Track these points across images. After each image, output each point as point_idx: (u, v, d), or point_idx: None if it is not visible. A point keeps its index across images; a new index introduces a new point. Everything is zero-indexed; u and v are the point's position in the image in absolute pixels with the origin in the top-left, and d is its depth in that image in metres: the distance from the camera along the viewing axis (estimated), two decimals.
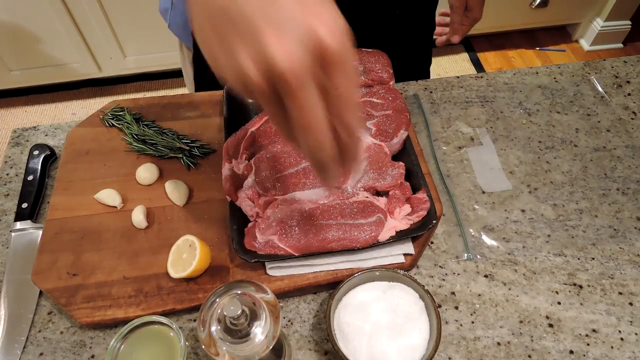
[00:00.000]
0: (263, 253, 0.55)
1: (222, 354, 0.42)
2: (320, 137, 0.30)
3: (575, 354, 0.54)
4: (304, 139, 0.31)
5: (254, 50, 0.28)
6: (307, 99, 0.29)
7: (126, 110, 0.72)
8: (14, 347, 0.55)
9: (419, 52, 0.93)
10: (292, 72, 0.27)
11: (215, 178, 0.66)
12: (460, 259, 0.61)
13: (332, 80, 0.29)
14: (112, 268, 0.58)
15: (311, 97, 0.29)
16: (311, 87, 0.28)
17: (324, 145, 0.31)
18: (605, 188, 0.68)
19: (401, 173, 0.61)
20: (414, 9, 0.81)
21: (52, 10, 1.73)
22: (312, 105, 0.29)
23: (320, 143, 0.30)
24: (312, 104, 0.29)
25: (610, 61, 0.85)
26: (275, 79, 0.28)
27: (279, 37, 0.27)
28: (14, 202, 0.67)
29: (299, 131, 0.30)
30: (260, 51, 0.28)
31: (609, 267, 0.60)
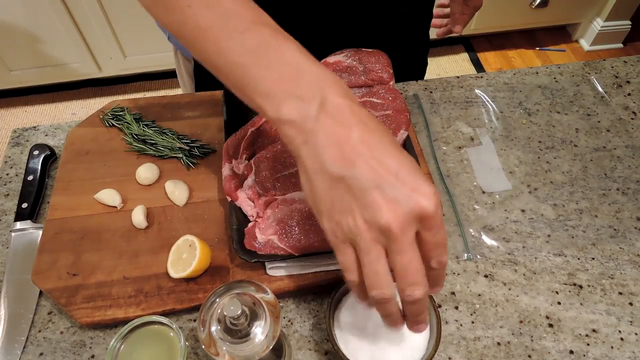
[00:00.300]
0: (263, 253, 0.55)
1: (222, 354, 0.42)
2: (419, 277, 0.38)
3: (575, 354, 0.54)
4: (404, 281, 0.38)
5: (369, 214, 0.36)
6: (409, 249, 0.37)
7: (126, 110, 0.72)
8: (14, 347, 0.55)
9: (415, 53, 0.92)
10: (400, 231, 0.36)
11: (215, 178, 0.66)
12: (460, 259, 0.61)
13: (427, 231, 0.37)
14: (112, 268, 0.58)
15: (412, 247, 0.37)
16: (413, 240, 0.37)
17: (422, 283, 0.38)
18: (605, 188, 0.68)
19: None
20: (412, 7, 0.81)
21: (52, 10, 1.73)
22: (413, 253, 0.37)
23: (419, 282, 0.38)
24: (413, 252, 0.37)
25: (610, 61, 0.85)
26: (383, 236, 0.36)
27: (389, 203, 0.36)
28: (14, 202, 0.67)
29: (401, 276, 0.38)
30: (375, 216, 0.36)
31: (609, 267, 0.60)
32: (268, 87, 0.40)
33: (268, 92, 0.40)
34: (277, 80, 0.39)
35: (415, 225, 0.37)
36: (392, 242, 0.36)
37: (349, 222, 0.37)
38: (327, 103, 0.38)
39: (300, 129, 0.38)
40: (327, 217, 0.39)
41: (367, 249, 0.37)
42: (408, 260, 0.37)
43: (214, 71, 0.43)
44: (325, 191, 0.38)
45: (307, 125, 0.38)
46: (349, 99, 0.39)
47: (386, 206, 0.35)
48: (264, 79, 0.40)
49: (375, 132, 0.38)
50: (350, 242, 0.38)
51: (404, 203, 0.36)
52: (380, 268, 0.38)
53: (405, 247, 0.37)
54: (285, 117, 0.39)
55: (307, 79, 0.39)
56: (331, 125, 0.38)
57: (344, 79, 0.68)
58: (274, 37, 0.41)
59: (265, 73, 0.40)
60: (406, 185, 0.36)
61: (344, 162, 0.37)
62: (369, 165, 0.36)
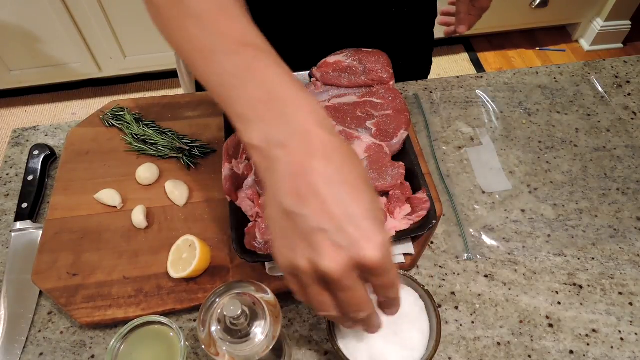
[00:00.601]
0: (263, 253, 0.55)
1: (222, 354, 0.42)
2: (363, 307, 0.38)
3: (575, 354, 0.54)
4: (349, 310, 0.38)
5: (311, 255, 0.35)
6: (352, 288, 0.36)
7: (126, 110, 0.72)
8: (14, 347, 0.55)
9: (419, 51, 0.92)
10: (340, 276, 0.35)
11: (215, 178, 0.66)
12: (460, 259, 0.61)
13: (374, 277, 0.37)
14: (112, 268, 0.58)
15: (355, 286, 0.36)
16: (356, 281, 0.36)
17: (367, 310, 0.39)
18: (605, 188, 0.68)
19: (401, 173, 0.61)
20: (413, 7, 0.81)
21: (52, 10, 1.73)
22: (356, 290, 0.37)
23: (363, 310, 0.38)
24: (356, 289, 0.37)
25: (610, 61, 0.85)
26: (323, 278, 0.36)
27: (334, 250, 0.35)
28: (14, 202, 0.67)
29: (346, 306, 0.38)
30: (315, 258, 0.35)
31: (609, 267, 0.60)
32: (242, 110, 0.39)
33: (241, 115, 0.39)
34: (251, 103, 0.39)
35: (358, 271, 0.36)
36: (332, 284, 0.36)
37: (292, 258, 0.36)
38: (296, 131, 0.37)
39: (265, 155, 0.37)
40: (277, 247, 0.38)
41: (308, 285, 0.37)
42: (350, 297, 0.37)
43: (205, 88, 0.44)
44: (276, 221, 0.37)
45: (272, 152, 0.37)
46: (322, 128, 0.37)
47: (328, 251, 0.34)
48: (239, 101, 0.40)
49: (340, 169, 0.36)
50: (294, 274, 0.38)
51: (346, 250, 0.35)
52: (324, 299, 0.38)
53: (346, 288, 0.36)
54: (254, 141, 0.38)
55: (279, 104, 0.38)
56: (294, 155, 0.36)
57: (344, 79, 0.68)
58: (257, 59, 0.40)
59: (241, 96, 0.39)
60: (356, 231, 0.35)
61: (297, 198, 0.35)
62: (320, 206, 0.35)
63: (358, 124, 0.65)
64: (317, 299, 0.38)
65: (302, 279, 0.37)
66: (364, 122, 0.65)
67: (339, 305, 0.38)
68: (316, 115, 0.38)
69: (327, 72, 0.69)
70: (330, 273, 0.35)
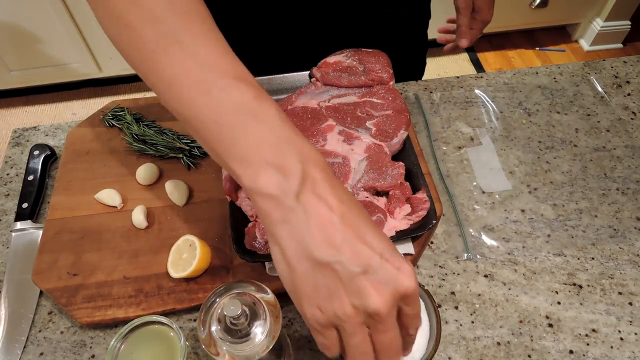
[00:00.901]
0: (263, 253, 0.55)
1: (222, 353, 0.42)
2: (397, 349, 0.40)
3: (575, 353, 0.54)
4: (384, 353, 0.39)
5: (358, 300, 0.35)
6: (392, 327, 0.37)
7: (126, 110, 0.72)
8: (15, 347, 0.55)
9: (413, 52, 0.92)
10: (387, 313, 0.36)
11: (215, 178, 0.67)
12: (460, 259, 0.61)
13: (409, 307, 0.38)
14: (112, 268, 0.58)
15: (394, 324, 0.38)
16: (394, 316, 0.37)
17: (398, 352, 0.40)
18: (605, 188, 0.68)
19: (401, 173, 0.61)
20: (409, 7, 0.81)
21: (53, 10, 1.73)
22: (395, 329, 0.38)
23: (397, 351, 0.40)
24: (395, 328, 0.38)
25: (610, 61, 0.85)
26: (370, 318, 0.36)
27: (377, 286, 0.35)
28: (15, 202, 0.67)
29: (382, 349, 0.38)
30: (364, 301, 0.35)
31: (609, 267, 0.61)
32: (245, 153, 0.36)
33: (245, 158, 0.36)
34: (256, 146, 0.36)
35: (398, 304, 0.37)
36: (379, 323, 0.36)
37: (335, 309, 0.36)
38: (308, 178, 0.36)
39: (279, 204, 0.35)
40: (309, 303, 0.37)
41: (354, 333, 0.37)
42: (391, 337, 0.38)
43: (185, 123, 0.40)
44: (307, 276, 0.36)
45: (287, 200, 0.35)
46: (327, 173, 0.37)
47: (374, 291, 0.35)
48: (241, 142, 0.36)
49: (353, 210, 0.37)
50: (334, 326, 0.37)
51: (390, 285, 0.35)
52: (367, 348, 0.38)
53: (390, 327, 0.37)
54: (262, 189, 0.36)
55: (288, 149, 0.36)
56: (314, 205, 0.35)
57: (344, 79, 0.69)
58: (256, 98, 0.38)
59: (244, 136, 0.37)
60: (391, 264, 0.36)
61: (330, 247, 0.35)
62: (354, 250, 0.35)
63: (358, 124, 0.65)
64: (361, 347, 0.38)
65: (347, 329, 0.36)
66: (364, 122, 0.65)
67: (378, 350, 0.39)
68: (320, 160, 0.38)
69: (327, 72, 0.69)
70: (380, 311, 0.35)
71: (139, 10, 0.39)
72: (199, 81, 0.38)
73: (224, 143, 0.37)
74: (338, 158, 0.62)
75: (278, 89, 0.72)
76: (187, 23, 0.39)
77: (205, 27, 0.40)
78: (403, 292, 0.36)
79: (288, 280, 0.37)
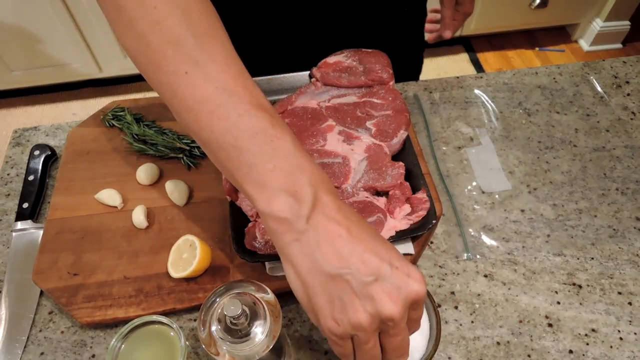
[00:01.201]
0: (263, 253, 0.55)
1: (223, 353, 0.42)
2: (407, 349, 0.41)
3: (575, 353, 0.54)
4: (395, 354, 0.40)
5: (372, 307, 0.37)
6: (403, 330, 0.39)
7: (126, 111, 0.73)
8: (15, 347, 0.55)
9: (411, 51, 0.92)
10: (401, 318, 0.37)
11: (215, 178, 0.67)
12: (460, 258, 0.61)
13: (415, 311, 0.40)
14: (112, 268, 0.58)
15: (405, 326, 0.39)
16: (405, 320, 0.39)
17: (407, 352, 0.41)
18: (604, 188, 0.68)
19: (401, 173, 0.61)
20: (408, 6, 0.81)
21: (53, 10, 1.73)
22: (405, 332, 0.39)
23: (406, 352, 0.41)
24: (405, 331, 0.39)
25: (610, 61, 0.85)
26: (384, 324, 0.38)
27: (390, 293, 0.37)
28: (15, 202, 0.67)
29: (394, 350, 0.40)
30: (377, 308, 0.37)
31: (609, 267, 0.61)
32: (261, 178, 0.38)
33: (261, 183, 0.38)
34: (272, 172, 0.38)
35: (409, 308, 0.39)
36: (392, 328, 0.38)
37: (350, 319, 0.37)
38: (318, 202, 0.38)
39: (291, 226, 0.38)
40: (325, 316, 0.38)
41: (367, 340, 0.38)
42: (401, 339, 0.39)
43: (203, 145, 0.42)
44: (320, 290, 0.38)
45: (299, 224, 0.38)
46: (334, 195, 0.40)
47: (387, 298, 0.37)
48: (258, 168, 0.38)
49: (360, 225, 0.39)
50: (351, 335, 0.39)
51: (402, 291, 0.37)
52: (377, 352, 0.39)
53: (402, 330, 0.39)
54: (276, 213, 0.38)
55: (302, 176, 0.39)
56: (323, 225, 0.38)
57: (344, 79, 0.69)
58: (272, 125, 0.39)
59: (261, 162, 0.39)
60: (400, 272, 0.37)
61: (339, 260, 0.37)
62: (363, 260, 0.37)
63: (358, 124, 0.65)
64: (372, 351, 0.39)
65: (361, 337, 0.38)
66: (364, 122, 0.65)
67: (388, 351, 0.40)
68: (329, 184, 0.40)
69: (327, 72, 0.69)
70: (394, 317, 0.37)
71: (160, 30, 0.39)
72: (218, 106, 0.39)
73: (241, 168, 0.39)
74: (338, 158, 0.62)
75: (278, 89, 0.72)
76: (207, 46, 0.40)
77: (225, 51, 0.41)
78: (414, 297, 0.38)
79: (303, 296, 0.39)
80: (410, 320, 0.40)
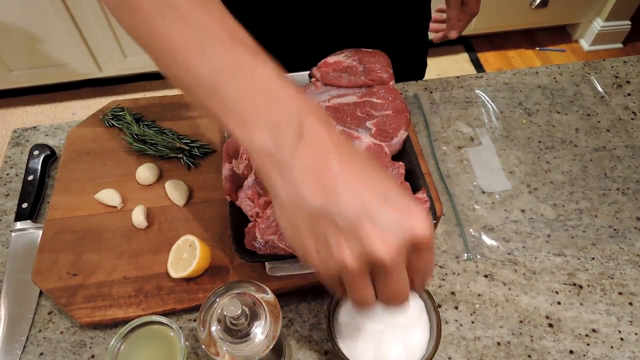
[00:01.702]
0: (263, 253, 0.55)
1: (222, 353, 0.42)
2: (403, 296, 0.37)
3: (575, 353, 0.54)
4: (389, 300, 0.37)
5: (358, 246, 0.33)
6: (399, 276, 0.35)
7: (126, 110, 0.72)
8: (14, 347, 0.55)
9: (415, 53, 0.92)
10: (393, 261, 0.33)
11: (215, 178, 0.67)
12: (460, 259, 0.61)
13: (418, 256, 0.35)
14: (112, 268, 0.58)
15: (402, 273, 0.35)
16: (403, 265, 0.34)
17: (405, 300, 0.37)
18: (605, 188, 0.68)
19: (401, 173, 0.61)
20: (410, 7, 0.81)
21: (53, 10, 1.73)
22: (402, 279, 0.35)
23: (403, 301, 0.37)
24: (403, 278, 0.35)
25: (610, 61, 0.85)
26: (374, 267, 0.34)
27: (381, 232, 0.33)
28: (14, 202, 0.67)
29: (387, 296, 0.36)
30: (365, 248, 0.33)
31: (609, 267, 0.61)
32: (242, 111, 0.36)
33: (242, 117, 0.36)
34: (251, 103, 0.36)
35: (407, 251, 0.34)
36: (383, 272, 0.34)
37: (335, 259, 0.34)
38: (304, 132, 0.35)
39: (274, 159, 0.35)
40: (311, 256, 0.35)
41: (353, 281, 0.35)
42: (396, 287, 0.35)
43: (182, 88, 0.40)
44: (306, 228, 0.35)
45: (283, 156, 0.34)
46: (326, 126, 0.36)
47: (378, 237, 0.33)
48: (236, 101, 0.36)
49: (355, 156, 0.35)
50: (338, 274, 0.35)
51: (396, 230, 0.33)
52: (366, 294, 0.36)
53: (396, 278, 0.35)
54: (257, 144, 0.35)
55: (283, 104, 0.36)
56: (309, 156, 0.34)
57: (344, 79, 0.69)
58: (251, 57, 0.37)
59: (238, 95, 0.36)
60: (396, 208, 0.33)
61: (326, 194, 0.33)
62: (353, 193, 0.33)
63: (358, 124, 0.65)
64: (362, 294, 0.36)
65: (348, 277, 0.35)
66: (364, 122, 0.65)
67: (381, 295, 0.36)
68: (319, 113, 0.37)
69: (327, 72, 0.69)
70: (384, 259, 0.33)
71: None
72: (194, 43, 0.37)
73: (221, 103, 0.37)
74: None
75: None
76: None
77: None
78: (411, 239, 0.33)
79: (290, 235, 0.36)
80: (414, 268, 0.35)
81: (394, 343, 0.49)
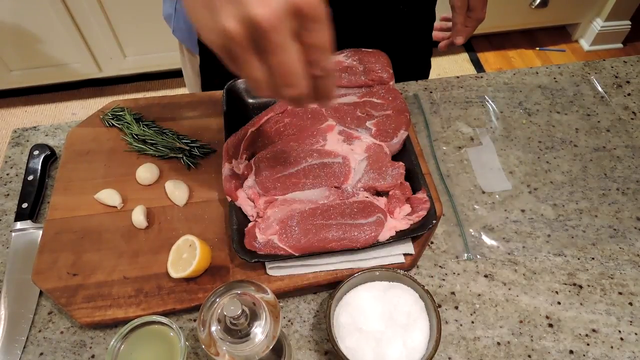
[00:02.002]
0: (263, 253, 0.55)
1: (222, 353, 0.42)
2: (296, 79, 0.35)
3: (575, 353, 0.54)
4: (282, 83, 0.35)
5: (237, 10, 0.32)
6: (285, 48, 0.33)
7: (126, 110, 0.72)
8: (14, 347, 0.55)
9: (419, 54, 0.92)
10: (272, 25, 0.32)
11: (215, 178, 0.67)
12: (460, 259, 0.61)
13: (308, 31, 0.34)
14: (112, 268, 0.58)
15: (288, 45, 0.33)
16: (288, 37, 0.33)
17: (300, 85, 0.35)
18: (605, 188, 0.68)
19: (401, 173, 0.61)
20: (415, 8, 0.81)
21: (53, 10, 1.73)
22: (289, 52, 0.34)
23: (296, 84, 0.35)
24: (290, 51, 0.34)
25: (610, 61, 0.85)
26: (255, 33, 0.32)
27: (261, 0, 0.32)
28: (14, 202, 0.67)
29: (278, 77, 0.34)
30: (243, 10, 0.32)
31: (609, 267, 0.61)
32: None
33: None
34: None
35: (291, 22, 0.33)
36: (263, 39, 0.33)
37: (218, 26, 0.33)
38: None
39: None
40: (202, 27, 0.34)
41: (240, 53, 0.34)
42: (282, 60, 0.34)
43: None
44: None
45: None
46: None
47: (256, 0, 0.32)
48: None
49: None
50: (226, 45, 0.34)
51: None
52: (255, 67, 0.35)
53: (277, 46, 0.33)
54: None
55: None
56: None
57: (344, 79, 0.69)
58: None
59: None
60: None
61: None
62: None
63: (358, 124, 0.65)
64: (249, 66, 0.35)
65: (234, 48, 0.34)
66: (364, 122, 0.65)
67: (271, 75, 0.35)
68: None
69: None
70: (263, 22, 0.32)
71: None
72: None
73: None
74: (338, 158, 0.62)
75: None
76: None
77: None
78: (293, 5, 0.32)
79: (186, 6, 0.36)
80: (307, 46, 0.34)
81: (394, 343, 0.49)
